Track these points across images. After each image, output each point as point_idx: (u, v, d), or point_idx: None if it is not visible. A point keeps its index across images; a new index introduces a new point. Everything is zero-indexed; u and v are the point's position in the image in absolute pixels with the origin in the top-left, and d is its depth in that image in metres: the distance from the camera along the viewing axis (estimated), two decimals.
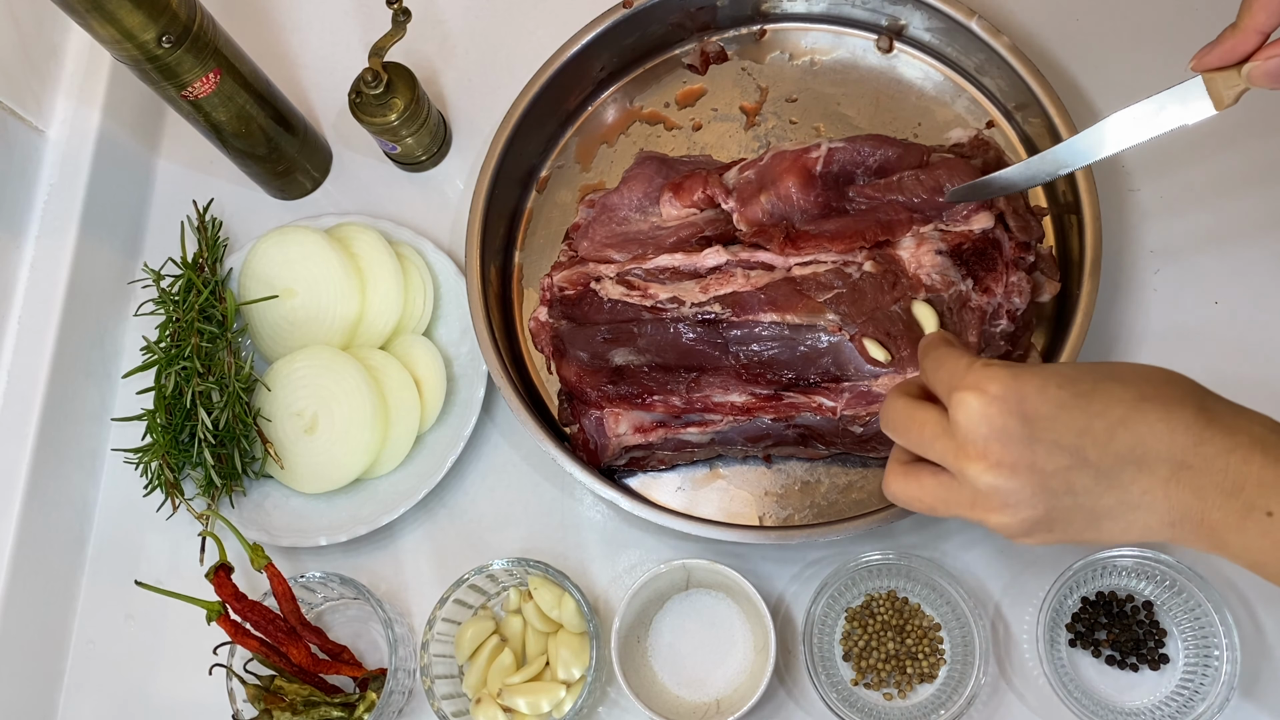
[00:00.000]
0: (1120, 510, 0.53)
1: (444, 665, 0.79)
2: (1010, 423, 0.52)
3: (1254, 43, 0.57)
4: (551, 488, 0.86)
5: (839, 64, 0.91)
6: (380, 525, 0.83)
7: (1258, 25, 0.57)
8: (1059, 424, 0.52)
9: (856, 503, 0.81)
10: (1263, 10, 0.56)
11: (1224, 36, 0.58)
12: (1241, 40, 0.57)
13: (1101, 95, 0.89)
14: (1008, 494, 0.53)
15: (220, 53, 0.82)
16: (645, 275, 0.80)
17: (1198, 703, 0.73)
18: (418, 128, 0.91)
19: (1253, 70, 0.58)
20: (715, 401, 0.77)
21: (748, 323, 0.76)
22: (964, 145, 0.83)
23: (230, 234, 0.95)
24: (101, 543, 0.91)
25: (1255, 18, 0.56)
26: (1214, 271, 0.83)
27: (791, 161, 0.81)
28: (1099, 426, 0.52)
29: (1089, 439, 0.52)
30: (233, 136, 0.88)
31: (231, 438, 0.84)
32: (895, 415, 0.58)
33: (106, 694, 0.87)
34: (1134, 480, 0.52)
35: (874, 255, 0.77)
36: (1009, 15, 0.91)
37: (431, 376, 0.87)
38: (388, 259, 0.87)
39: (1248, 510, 0.51)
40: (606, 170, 0.92)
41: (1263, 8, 0.56)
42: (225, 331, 0.87)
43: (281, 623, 0.78)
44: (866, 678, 0.78)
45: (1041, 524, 0.54)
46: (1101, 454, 0.52)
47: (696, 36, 0.93)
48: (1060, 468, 0.53)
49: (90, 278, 0.91)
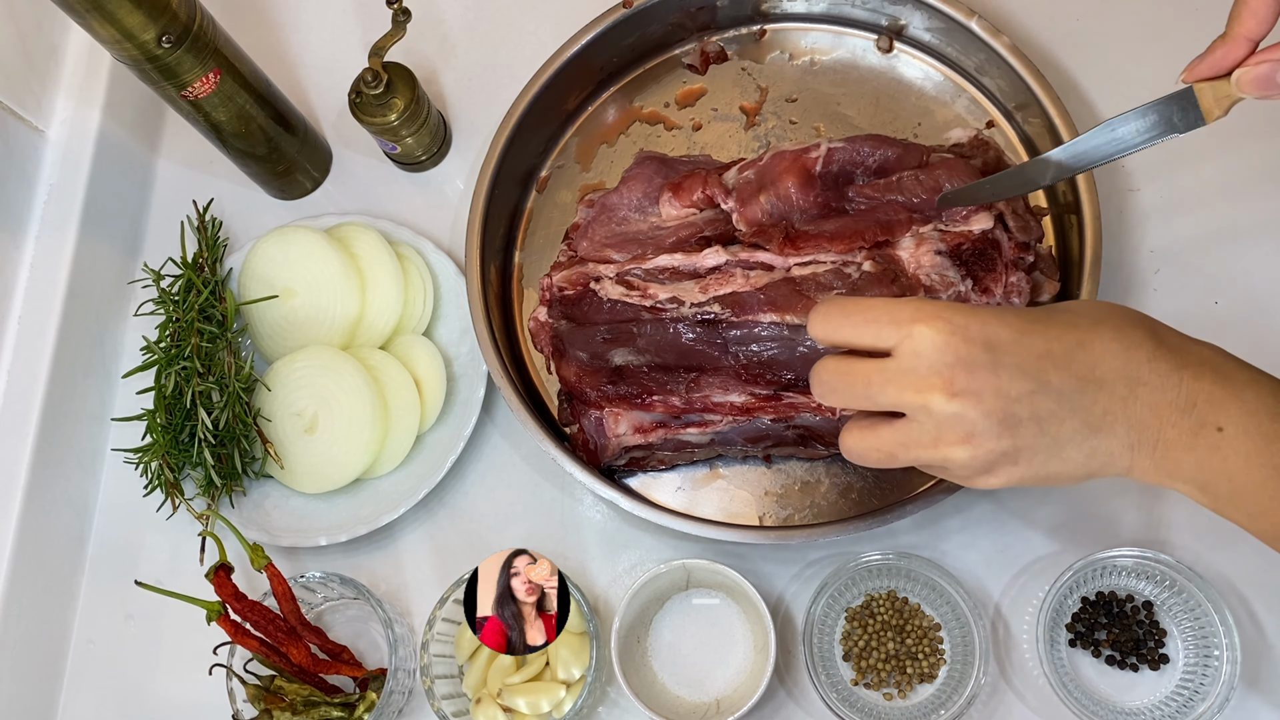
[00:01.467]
0: (1082, 435, 0.54)
1: (444, 665, 0.79)
2: (974, 350, 0.53)
3: (1244, 50, 0.57)
4: (551, 488, 0.86)
5: (839, 64, 0.91)
6: (380, 525, 0.83)
7: (1247, 32, 0.57)
8: (1021, 348, 0.53)
9: (856, 503, 0.81)
10: (1252, 17, 0.56)
11: (1214, 46, 0.58)
12: (1232, 49, 0.57)
13: (1101, 95, 0.89)
14: (972, 423, 0.53)
15: (220, 53, 0.82)
16: (645, 275, 0.80)
17: (1198, 703, 0.73)
18: (418, 128, 0.91)
19: (1242, 76, 0.57)
20: (715, 401, 0.77)
21: (747, 323, 0.76)
22: (964, 145, 0.83)
23: (230, 234, 0.95)
24: (101, 543, 0.91)
25: (1245, 25, 0.57)
26: (1214, 271, 0.83)
27: (791, 161, 0.81)
28: (1058, 349, 0.53)
29: (1049, 362, 0.53)
30: (233, 136, 0.88)
31: (231, 438, 0.84)
32: (830, 376, 0.57)
33: (106, 694, 0.87)
34: (1095, 400, 0.53)
35: (873, 255, 0.77)
36: (1009, 15, 0.91)
37: (431, 376, 0.87)
38: (388, 259, 0.88)
39: (1199, 426, 0.53)
40: (606, 170, 0.92)
41: (1252, 14, 0.56)
42: (225, 331, 0.87)
43: (281, 623, 0.78)
44: (866, 678, 0.78)
45: (1007, 456, 0.54)
46: (1063, 376, 0.53)
47: (696, 36, 0.93)
48: (1024, 392, 0.53)
49: (90, 278, 0.91)
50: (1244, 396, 0.53)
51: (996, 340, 0.53)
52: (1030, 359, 0.53)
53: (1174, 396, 0.53)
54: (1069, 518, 0.80)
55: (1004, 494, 0.80)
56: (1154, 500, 0.79)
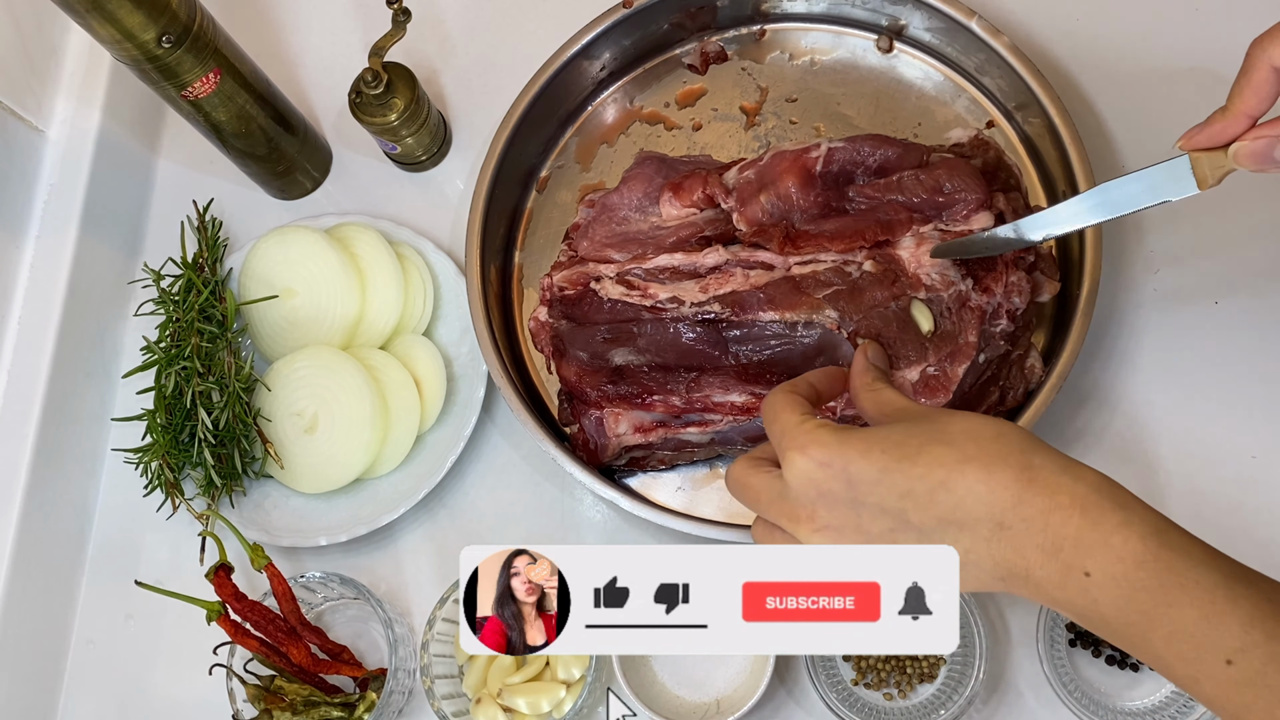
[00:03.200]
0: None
1: (444, 665, 0.79)
2: (835, 486, 0.54)
3: (1243, 126, 0.58)
4: (551, 488, 0.86)
5: (839, 64, 0.91)
6: (380, 525, 0.83)
7: (1248, 109, 0.58)
8: (882, 487, 0.53)
9: None
10: (1254, 95, 0.57)
11: (1213, 119, 0.59)
12: (1231, 124, 0.59)
13: (1101, 95, 0.89)
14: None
15: (220, 53, 0.82)
16: (645, 275, 0.80)
17: (1198, 703, 0.73)
18: (418, 128, 0.91)
19: (1239, 150, 0.59)
20: (715, 401, 0.77)
21: (747, 322, 0.76)
22: (964, 145, 0.83)
23: (230, 234, 0.95)
24: (101, 543, 0.91)
25: (1246, 102, 0.58)
26: (1214, 271, 0.83)
27: (791, 161, 0.81)
28: (920, 490, 0.53)
29: (910, 502, 0.53)
30: (233, 136, 0.88)
31: (231, 438, 0.84)
32: (731, 480, 0.59)
33: (106, 693, 0.87)
34: (956, 540, 0.53)
35: (874, 255, 0.77)
36: (1009, 15, 0.91)
37: (431, 376, 0.87)
38: (388, 259, 0.88)
39: (1067, 569, 0.51)
40: (606, 170, 0.92)
41: (1254, 92, 0.57)
42: (225, 331, 0.87)
43: (281, 623, 0.78)
44: (866, 678, 0.78)
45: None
46: (923, 517, 0.53)
47: (696, 36, 0.93)
48: (884, 529, 0.54)
49: (90, 278, 0.91)
50: (1111, 541, 0.51)
51: (860, 478, 0.53)
52: (891, 498, 0.53)
53: (1040, 540, 0.52)
54: None
55: None
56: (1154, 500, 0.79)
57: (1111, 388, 0.82)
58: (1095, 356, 0.82)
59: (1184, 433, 0.80)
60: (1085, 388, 0.82)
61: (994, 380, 0.77)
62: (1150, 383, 0.81)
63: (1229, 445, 0.79)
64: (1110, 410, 0.81)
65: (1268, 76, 0.57)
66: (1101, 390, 0.82)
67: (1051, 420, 0.80)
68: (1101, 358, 0.82)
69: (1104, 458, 0.80)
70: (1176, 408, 0.81)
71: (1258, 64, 0.57)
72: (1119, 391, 0.82)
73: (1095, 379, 0.82)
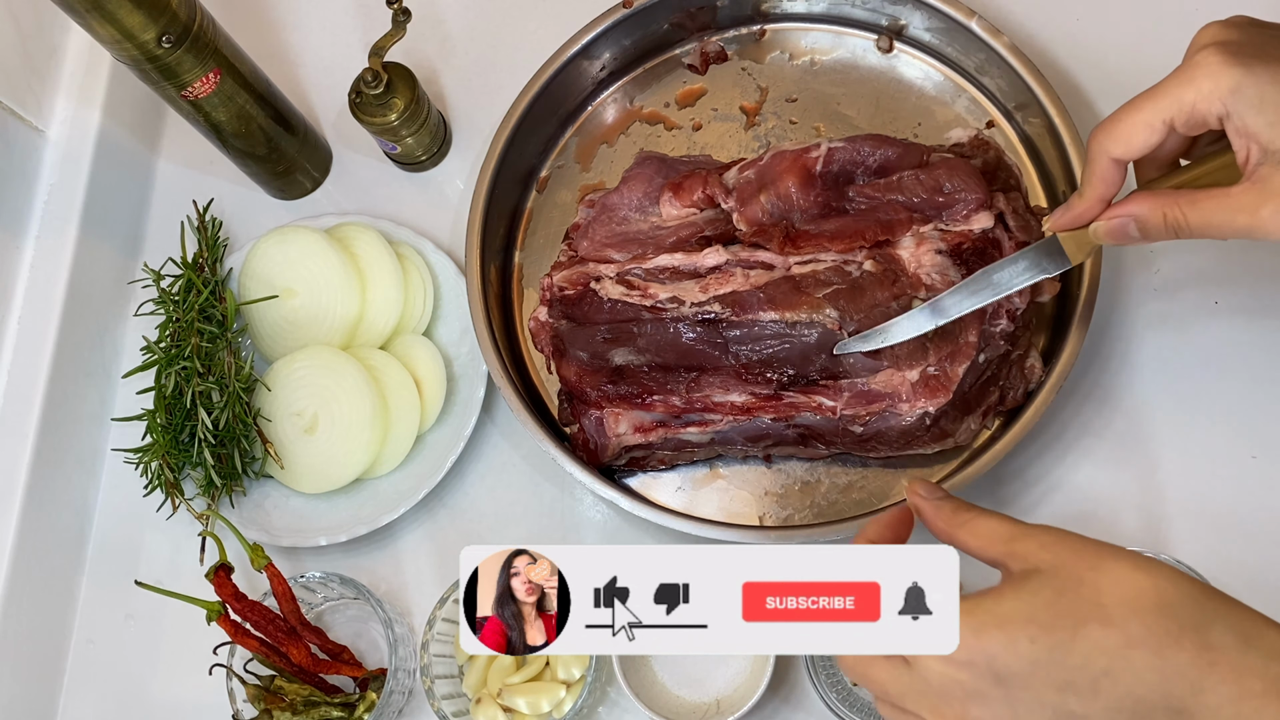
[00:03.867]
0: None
1: (444, 665, 0.79)
2: (982, 686, 0.50)
3: (1098, 210, 0.65)
4: (551, 488, 0.86)
5: (839, 64, 0.91)
6: (380, 525, 0.83)
7: (1098, 196, 0.64)
8: (1037, 681, 0.49)
9: (857, 503, 0.81)
10: (1101, 183, 0.64)
11: (1073, 204, 0.66)
12: (1088, 209, 0.65)
13: (1101, 95, 0.89)
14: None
15: (220, 53, 0.82)
16: (645, 275, 0.80)
17: None
18: (418, 128, 0.91)
19: (1098, 229, 0.65)
20: (715, 401, 0.77)
21: (747, 322, 0.76)
22: (964, 145, 0.83)
23: (230, 234, 0.95)
24: (101, 543, 0.91)
25: (1095, 190, 0.64)
26: (1214, 271, 0.83)
27: (791, 161, 0.81)
28: (1082, 681, 0.48)
29: (1072, 694, 0.49)
30: (233, 136, 0.88)
31: (231, 438, 0.84)
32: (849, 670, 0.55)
33: (106, 694, 0.87)
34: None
35: (874, 255, 0.77)
36: (1009, 15, 0.91)
37: (431, 376, 0.87)
38: (388, 259, 0.88)
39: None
40: (606, 170, 0.92)
41: (1101, 180, 0.63)
42: (225, 331, 0.87)
43: (281, 623, 0.78)
44: None
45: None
46: (1089, 706, 0.49)
47: (696, 36, 0.93)
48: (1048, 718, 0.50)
49: (90, 278, 0.91)
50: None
51: (1009, 673, 0.49)
52: (1049, 692, 0.49)
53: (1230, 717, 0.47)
54: (1069, 517, 0.80)
55: (1004, 494, 0.80)
56: (1154, 500, 0.79)
57: (1111, 388, 0.82)
58: (1095, 356, 0.82)
59: (1184, 433, 0.80)
60: (1085, 388, 0.82)
61: (994, 380, 0.77)
62: (1150, 383, 0.81)
63: (1229, 445, 0.79)
64: (1110, 410, 0.81)
65: (1109, 165, 0.63)
66: (1101, 390, 0.82)
67: (1051, 420, 0.80)
68: (1101, 358, 0.82)
69: (1104, 458, 0.80)
70: (1176, 408, 0.81)
71: (1097, 156, 0.63)
72: (1119, 391, 0.82)
73: (1095, 379, 0.82)
